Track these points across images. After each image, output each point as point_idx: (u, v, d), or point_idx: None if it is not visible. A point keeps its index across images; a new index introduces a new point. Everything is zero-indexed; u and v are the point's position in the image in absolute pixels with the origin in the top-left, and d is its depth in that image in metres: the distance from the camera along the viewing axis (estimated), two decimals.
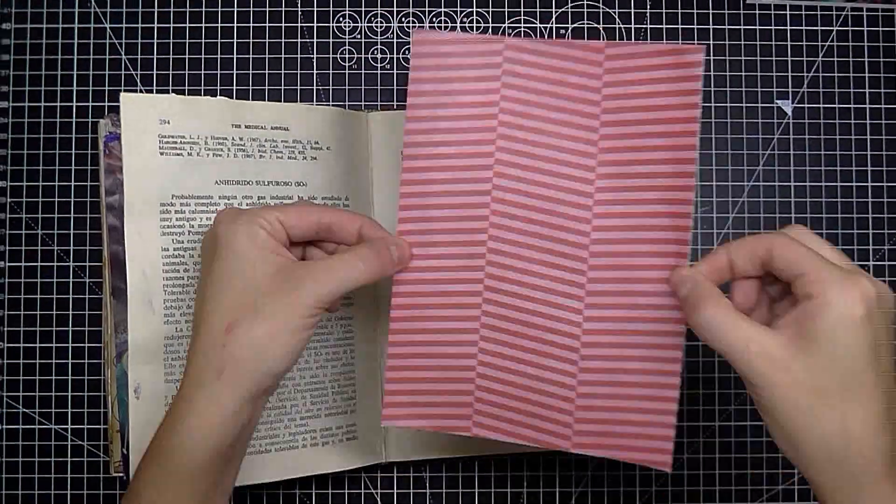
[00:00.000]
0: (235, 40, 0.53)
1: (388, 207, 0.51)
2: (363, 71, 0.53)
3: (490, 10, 0.54)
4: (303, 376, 0.50)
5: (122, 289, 0.48)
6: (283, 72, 0.53)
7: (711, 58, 0.54)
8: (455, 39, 0.42)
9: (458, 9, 0.54)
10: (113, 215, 0.49)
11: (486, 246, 0.42)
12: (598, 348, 0.41)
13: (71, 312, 0.52)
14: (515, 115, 0.42)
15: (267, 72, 0.53)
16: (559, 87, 0.41)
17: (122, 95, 0.47)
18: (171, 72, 0.53)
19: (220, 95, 0.53)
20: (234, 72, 0.53)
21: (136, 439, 0.47)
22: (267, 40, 0.53)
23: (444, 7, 0.54)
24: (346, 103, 0.53)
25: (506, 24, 0.54)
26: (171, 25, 0.53)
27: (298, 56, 0.53)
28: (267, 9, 0.54)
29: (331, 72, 0.53)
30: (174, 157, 0.47)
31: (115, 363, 0.50)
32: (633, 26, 0.54)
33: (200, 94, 0.53)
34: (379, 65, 0.54)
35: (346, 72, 0.53)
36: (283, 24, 0.53)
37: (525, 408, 0.42)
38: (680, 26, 0.54)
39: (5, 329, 0.52)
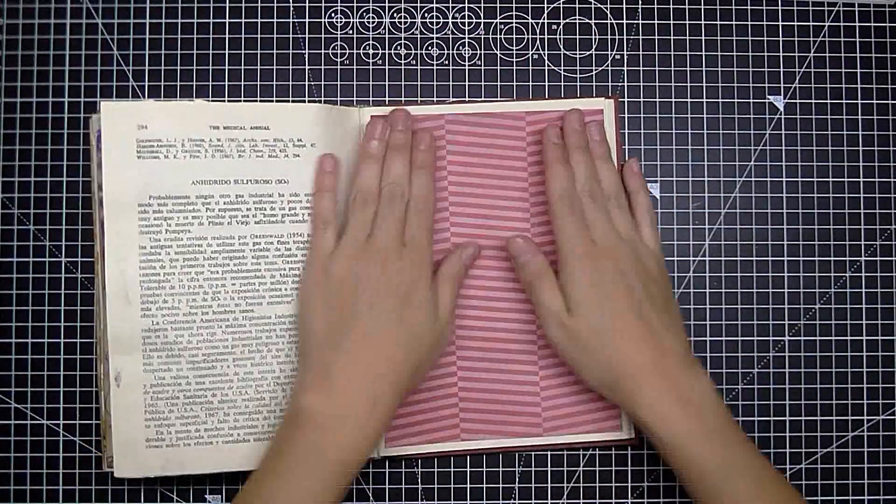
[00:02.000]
0: (227, 36, 0.53)
1: None
2: (355, 66, 0.53)
3: (482, 5, 0.54)
4: (283, 370, 0.50)
5: None
6: (274, 67, 0.53)
7: (703, 53, 0.54)
8: None
9: (450, 4, 0.54)
10: (104, 210, 0.50)
11: None
12: (552, 348, 0.50)
13: (62, 308, 0.52)
14: (461, 175, 0.52)
15: (259, 67, 0.53)
16: (493, 150, 0.52)
17: (103, 104, 0.49)
18: (162, 67, 0.53)
19: (212, 91, 0.53)
20: (226, 67, 0.53)
21: (118, 424, 0.49)
22: (259, 36, 0.53)
23: (436, 3, 0.54)
24: (338, 99, 0.53)
25: (497, 20, 0.54)
26: (163, 21, 0.53)
27: (290, 51, 0.53)
28: (259, 4, 0.54)
29: (322, 67, 0.53)
30: (151, 159, 0.49)
31: (108, 359, 0.50)
32: (624, 22, 0.54)
33: (192, 89, 0.53)
34: (371, 60, 0.54)
35: (338, 67, 0.53)
36: (274, 20, 0.53)
37: (502, 409, 0.52)
38: (672, 22, 0.54)
39: None
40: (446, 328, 0.49)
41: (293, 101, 0.53)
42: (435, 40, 0.54)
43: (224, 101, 0.53)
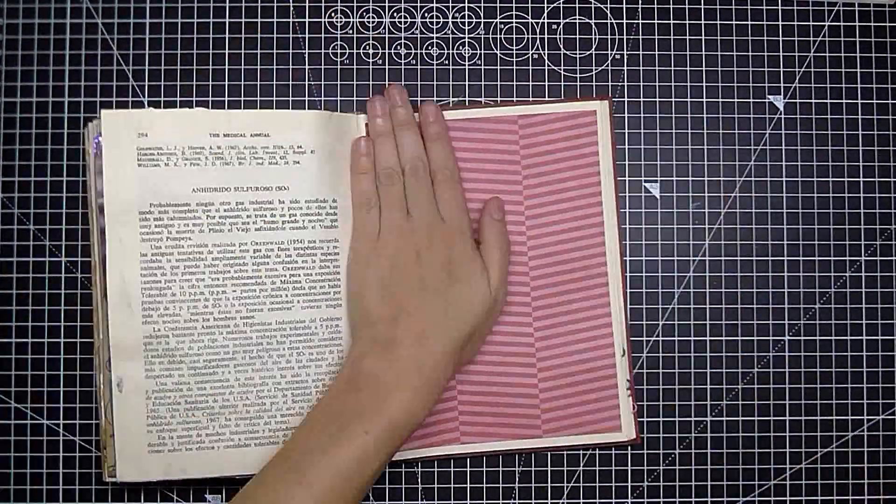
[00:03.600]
0: (227, 35, 0.53)
1: None
2: (355, 66, 0.53)
3: (482, 5, 0.54)
4: (283, 375, 0.50)
5: None
6: (274, 67, 0.53)
7: (703, 53, 0.54)
8: None
9: (450, 4, 0.54)
10: (105, 217, 0.50)
11: None
12: (550, 350, 0.52)
13: (62, 308, 0.52)
14: None
15: (258, 67, 0.53)
16: (487, 154, 0.53)
17: (103, 112, 0.50)
18: (162, 67, 0.53)
19: (212, 91, 0.53)
20: (226, 67, 0.53)
21: (120, 430, 0.49)
22: (259, 35, 0.53)
23: (436, 3, 0.54)
24: (339, 99, 0.53)
25: (497, 20, 0.54)
26: (163, 21, 0.53)
27: (290, 51, 0.53)
28: (259, 4, 0.54)
29: (322, 67, 0.53)
30: (152, 167, 0.50)
31: (108, 367, 0.50)
32: (624, 21, 0.54)
33: (192, 89, 0.53)
34: (371, 60, 0.54)
35: (338, 67, 0.53)
36: (274, 20, 0.53)
37: (500, 411, 0.52)
38: (672, 22, 0.54)
39: None
40: (500, 292, 0.50)
41: (293, 108, 0.53)
42: (435, 40, 0.54)
43: (224, 107, 0.53)
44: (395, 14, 0.54)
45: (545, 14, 0.54)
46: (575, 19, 0.54)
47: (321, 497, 0.43)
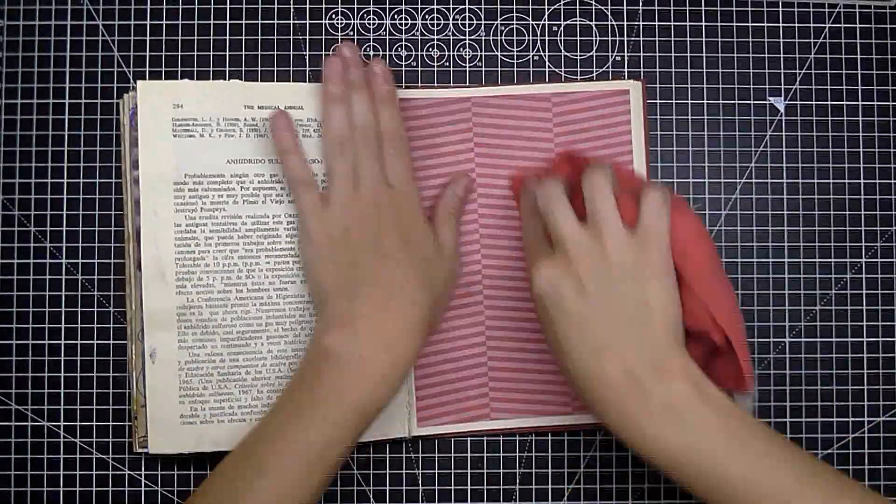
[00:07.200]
0: (227, 37, 0.53)
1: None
2: None
3: (482, 7, 0.54)
4: None
5: None
6: (275, 69, 0.53)
7: (704, 55, 0.54)
8: (431, 103, 0.52)
9: (451, 6, 0.54)
10: (139, 189, 0.50)
11: (480, 263, 0.53)
12: None
13: (63, 309, 0.52)
14: (488, 157, 0.53)
15: (259, 69, 0.53)
16: (520, 131, 0.53)
17: (139, 83, 0.50)
18: (162, 68, 0.53)
19: None
20: (227, 69, 0.53)
21: (152, 401, 0.50)
22: (259, 37, 0.53)
23: (437, 4, 0.54)
24: None
25: (498, 22, 0.54)
26: (163, 22, 0.53)
27: (291, 53, 0.53)
28: (259, 5, 0.54)
29: (323, 69, 0.53)
30: (187, 138, 0.50)
31: (141, 338, 0.50)
32: (625, 23, 0.54)
33: None
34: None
35: None
36: (275, 21, 0.53)
37: (531, 388, 0.52)
38: (672, 23, 0.54)
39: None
40: (455, 262, 0.50)
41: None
42: (435, 42, 0.54)
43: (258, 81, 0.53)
44: (395, 16, 0.54)
45: (546, 16, 0.54)
46: (575, 21, 0.54)
47: (283, 487, 0.41)
